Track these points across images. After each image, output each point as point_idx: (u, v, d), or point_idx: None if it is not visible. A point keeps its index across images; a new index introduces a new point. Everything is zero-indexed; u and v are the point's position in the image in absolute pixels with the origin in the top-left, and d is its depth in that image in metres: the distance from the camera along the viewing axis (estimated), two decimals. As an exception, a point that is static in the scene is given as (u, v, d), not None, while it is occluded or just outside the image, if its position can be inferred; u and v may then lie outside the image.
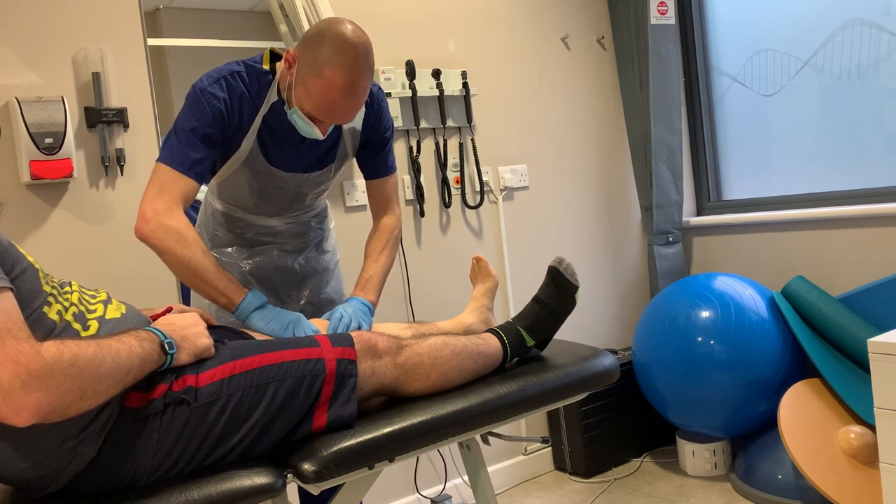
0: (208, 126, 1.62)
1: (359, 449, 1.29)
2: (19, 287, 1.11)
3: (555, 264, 1.68)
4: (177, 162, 1.60)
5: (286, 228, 1.89)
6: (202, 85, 1.64)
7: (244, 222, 1.86)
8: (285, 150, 1.74)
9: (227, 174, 1.75)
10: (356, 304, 1.72)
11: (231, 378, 1.26)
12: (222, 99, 1.63)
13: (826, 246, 2.86)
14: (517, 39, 3.01)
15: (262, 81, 1.68)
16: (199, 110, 1.62)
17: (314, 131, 1.63)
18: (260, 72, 1.69)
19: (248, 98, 1.67)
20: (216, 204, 1.87)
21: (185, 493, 1.15)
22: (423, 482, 2.74)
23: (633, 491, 2.76)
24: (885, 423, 1.88)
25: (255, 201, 1.80)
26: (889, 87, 2.73)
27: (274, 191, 1.78)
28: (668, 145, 3.19)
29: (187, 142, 1.60)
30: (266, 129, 1.70)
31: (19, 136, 1.97)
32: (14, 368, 0.97)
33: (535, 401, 1.51)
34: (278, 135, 1.72)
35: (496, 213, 2.94)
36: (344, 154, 1.83)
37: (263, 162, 1.72)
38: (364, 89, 1.58)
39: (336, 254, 2.05)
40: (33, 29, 2.05)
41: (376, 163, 1.88)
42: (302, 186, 1.80)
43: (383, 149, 1.87)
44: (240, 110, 1.66)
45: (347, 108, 1.58)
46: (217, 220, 1.88)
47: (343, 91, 1.54)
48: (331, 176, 1.85)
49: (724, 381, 2.57)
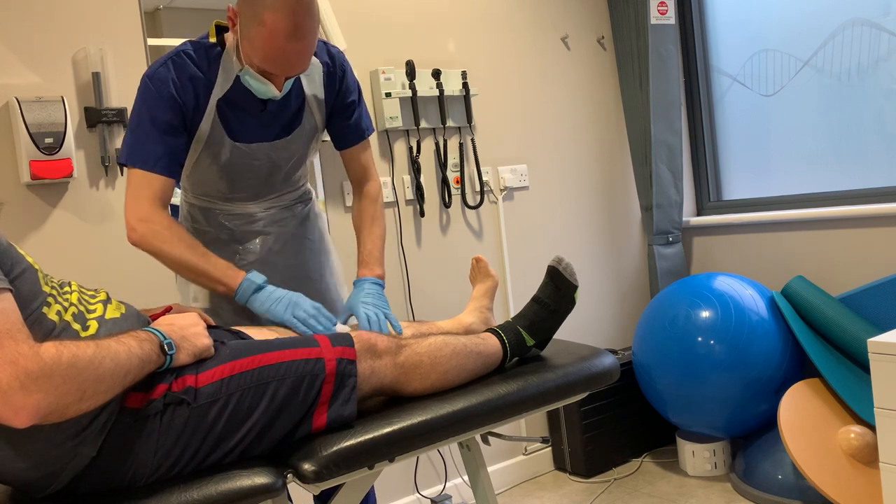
0: (164, 112, 1.57)
1: (359, 449, 1.29)
2: (18, 288, 1.11)
3: (554, 264, 1.68)
4: (140, 161, 1.57)
5: (266, 214, 1.80)
6: (149, 72, 1.59)
7: (222, 213, 1.77)
8: (248, 123, 1.68)
9: (192, 161, 1.69)
10: (369, 288, 1.70)
11: (231, 378, 1.26)
12: (171, 80, 1.57)
13: (826, 246, 2.86)
14: (517, 39, 3.01)
15: (211, 55, 1.63)
16: (152, 98, 1.57)
17: (270, 89, 1.59)
18: (207, 46, 1.64)
19: (200, 75, 1.61)
20: (191, 199, 1.80)
21: (185, 493, 1.15)
22: (423, 482, 2.74)
23: (633, 491, 2.76)
24: (885, 423, 1.88)
25: (227, 185, 1.73)
26: (889, 87, 2.73)
27: (244, 169, 1.71)
28: (668, 145, 3.19)
29: (146, 136, 1.57)
30: (224, 103, 1.64)
31: (19, 136, 1.97)
32: (13, 370, 0.97)
33: (535, 401, 1.51)
34: (238, 106, 1.66)
35: (496, 213, 2.94)
36: (312, 123, 1.76)
37: (225, 138, 1.65)
38: (309, 32, 1.53)
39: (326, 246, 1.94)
40: (33, 29, 2.05)
41: (348, 130, 1.82)
42: (272, 157, 1.72)
43: (353, 114, 1.81)
44: (193, 90, 1.60)
45: (295, 55, 1.53)
46: (195, 218, 1.80)
47: (287, 35, 1.49)
48: (304, 145, 1.77)
49: (724, 381, 2.57)
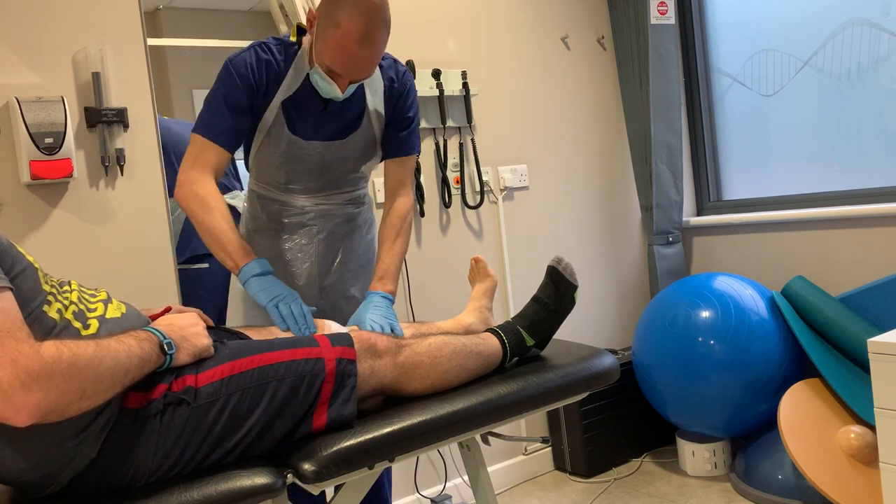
0: (236, 92, 1.71)
1: (359, 449, 1.29)
2: (19, 286, 1.11)
3: (554, 264, 1.68)
4: (206, 130, 1.71)
5: (315, 210, 1.90)
6: (231, 57, 1.75)
7: (276, 202, 1.89)
8: (307, 119, 1.79)
9: (256, 148, 1.82)
10: (378, 301, 1.73)
11: (230, 378, 1.26)
12: (249, 65, 1.72)
13: (826, 246, 2.86)
14: (517, 39, 3.00)
15: (289, 52, 1.77)
16: (227, 79, 1.72)
17: (333, 89, 1.69)
18: (287, 43, 1.78)
19: (275, 66, 1.75)
20: (253, 186, 1.93)
21: (185, 493, 1.16)
22: (423, 482, 2.74)
23: (633, 491, 2.76)
24: (885, 423, 1.88)
25: (284, 175, 1.84)
26: (889, 87, 2.73)
27: (298, 162, 1.82)
28: (668, 145, 3.19)
29: (216, 110, 1.71)
30: (290, 99, 1.77)
31: (19, 136, 1.97)
32: (13, 369, 0.98)
33: (535, 401, 1.51)
34: (301, 103, 1.78)
35: (496, 213, 2.94)
36: (371, 134, 1.85)
37: (285, 130, 1.77)
38: (379, 40, 1.63)
39: (369, 253, 1.99)
40: (33, 29, 2.05)
41: (396, 141, 1.90)
42: (324, 156, 1.82)
43: (406, 129, 1.89)
44: (266, 77, 1.74)
45: (363, 60, 1.63)
46: (252, 203, 1.93)
47: (359, 40, 1.60)
48: (357, 150, 1.85)
49: (723, 381, 2.57)
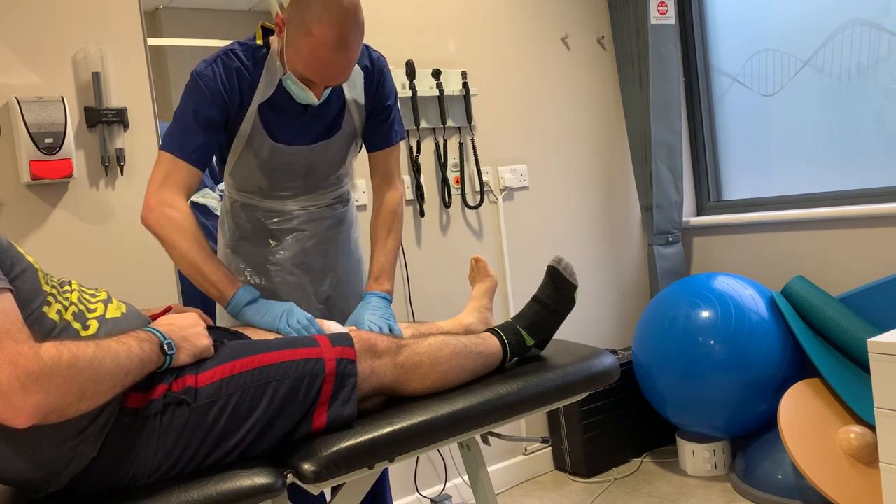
0: (207, 108, 1.61)
1: (359, 449, 1.29)
2: (19, 287, 1.11)
3: (554, 264, 1.68)
4: (177, 148, 1.61)
5: (304, 213, 1.85)
6: (198, 69, 1.64)
7: (260, 210, 1.82)
8: (288, 124, 1.72)
9: (235, 158, 1.74)
10: (376, 301, 1.72)
11: (231, 378, 1.26)
12: (218, 76, 1.62)
13: (826, 246, 2.86)
14: (517, 39, 3.00)
15: (257, 56, 1.68)
16: (197, 93, 1.62)
17: (309, 96, 1.62)
18: (254, 47, 1.69)
19: (245, 74, 1.66)
20: (234, 195, 1.85)
21: (185, 493, 1.16)
22: (423, 482, 2.74)
23: (633, 491, 2.76)
24: (885, 423, 1.88)
25: (267, 183, 1.78)
26: (889, 87, 2.73)
27: (283, 169, 1.76)
28: (668, 145, 3.19)
29: (186, 127, 1.61)
30: (267, 104, 1.69)
31: (19, 136, 1.97)
32: (13, 370, 0.97)
33: (535, 401, 1.51)
34: (280, 108, 1.70)
35: (496, 213, 2.94)
36: (352, 127, 1.80)
37: (266, 138, 1.70)
38: (354, 45, 1.56)
39: (358, 251, 1.98)
40: (33, 29, 2.05)
41: (380, 133, 1.85)
42: (310, 159, 1.77)
43: (388, 118, 1.84)
44: (238, 87, 1.65)
45: (338, 66, 1.56)
46: (235, 213, 1.85)
47: (333, 47, 1.52)
48: (343, 148, 1.81)
49: (723, 382, 2.57)
